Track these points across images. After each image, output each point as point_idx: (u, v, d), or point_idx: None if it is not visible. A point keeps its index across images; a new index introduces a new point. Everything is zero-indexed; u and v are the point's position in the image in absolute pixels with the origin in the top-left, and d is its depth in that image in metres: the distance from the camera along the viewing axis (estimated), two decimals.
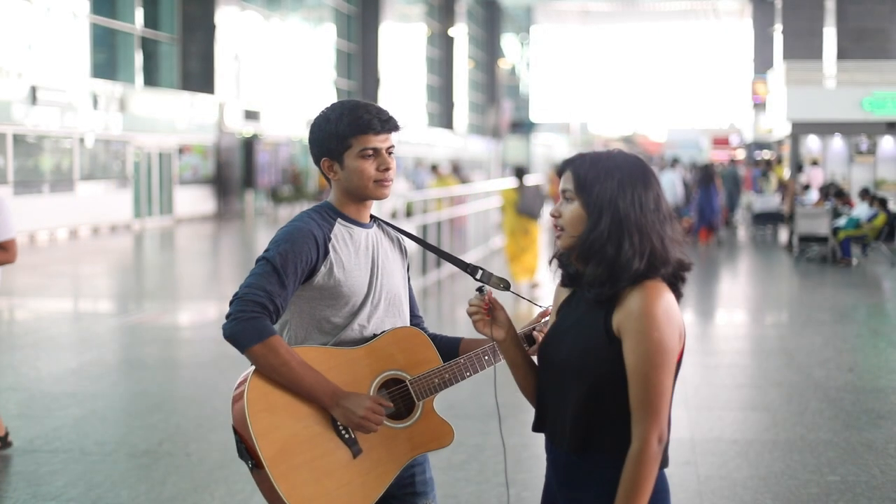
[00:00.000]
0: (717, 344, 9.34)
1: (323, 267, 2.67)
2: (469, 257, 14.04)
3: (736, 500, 4.86)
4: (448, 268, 13.13)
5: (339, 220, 2.74)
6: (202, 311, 11.37)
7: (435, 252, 3.02)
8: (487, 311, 2.45)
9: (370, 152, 2.69)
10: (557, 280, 2.43)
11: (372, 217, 2.86)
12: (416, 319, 2.94)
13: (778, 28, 32.33)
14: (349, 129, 2.68)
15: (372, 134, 2.68)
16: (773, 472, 5.25)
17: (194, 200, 26.76)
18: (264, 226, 25.66)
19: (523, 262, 12.07)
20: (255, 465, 2.54)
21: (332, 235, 2.70)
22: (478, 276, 2.75)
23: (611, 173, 2.25)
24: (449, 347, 2.86)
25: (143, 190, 24.39)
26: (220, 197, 27.97)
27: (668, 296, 2.22)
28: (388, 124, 2.71)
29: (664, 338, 2.17)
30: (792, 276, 14.85)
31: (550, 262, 2.42)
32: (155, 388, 7.35)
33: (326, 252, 2.67)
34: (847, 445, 5.71)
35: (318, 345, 2.70)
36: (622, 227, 2.21)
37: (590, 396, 2.25)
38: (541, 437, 2.43)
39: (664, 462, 2.27)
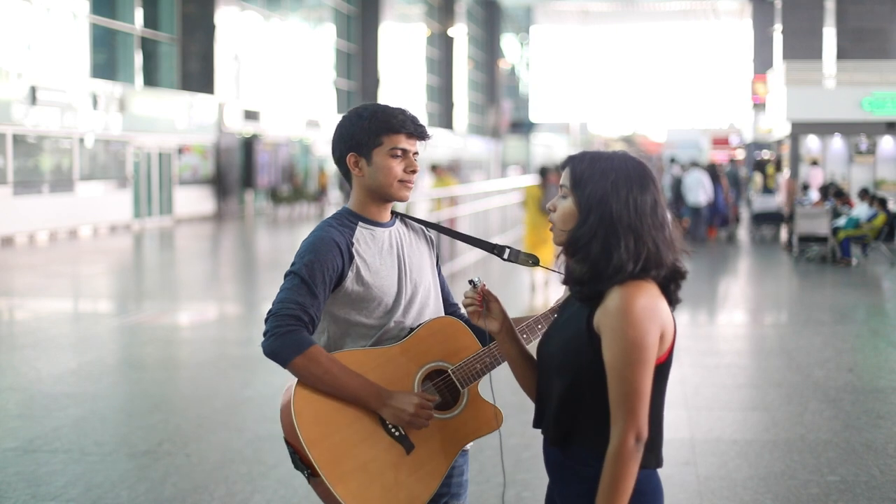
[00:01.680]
0: (717, 344, 9.34)
1: (350, 272, 2.68)
2: (470, 257, 14.04)
3: (736, 500, 4.86)
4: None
5: (359, 223, 2.75)
6: (202, 312, 11.37)
7: (460, 238, 3.05)
8: (481, 303, 2.46)
9: (399, 152, 2.72)
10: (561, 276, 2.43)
11: (393, 213, 2.87)
12: (451, 308, 2.95)
13: (778, 28, 32.33)
14: (383, 126, 2.72)
15: (404, 135, 2.73)
16: (773, 472, 5.25)
17: (194, 200, 26.75)
18: (264, 226, 25.67)
19: (542, 252, 12.35)
20: (311, 474, 2.56)
21: (354, 240, 2.71)
22: (505, 256, 2.79)
23: (606, 174, 2.24)
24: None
25: (142, 190, 24.39)
26: (219, 197, 27.96)
27: (651, 295, 2.19)
28: (419, 129, 2.76)
29: (640, 335, 2.15)
30: (792, 276, 14.84)
31: (558, 256, 2.42)
32: (155, 388, 7.36)
33: (352, 257, 2.68)
34: (847, 445, 5.71)
35: (357, 348, 2.71)
36: (614, 228, 2.20)
37: (570, 392, 2.26)
38: (541, 437, 2.42)
39: (657, 462, 2.26)
